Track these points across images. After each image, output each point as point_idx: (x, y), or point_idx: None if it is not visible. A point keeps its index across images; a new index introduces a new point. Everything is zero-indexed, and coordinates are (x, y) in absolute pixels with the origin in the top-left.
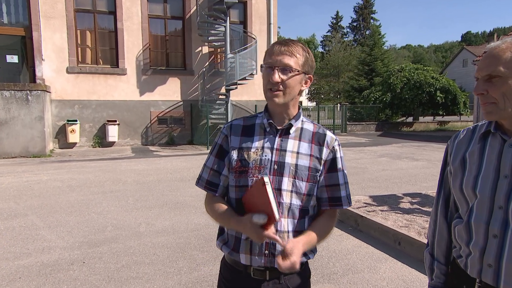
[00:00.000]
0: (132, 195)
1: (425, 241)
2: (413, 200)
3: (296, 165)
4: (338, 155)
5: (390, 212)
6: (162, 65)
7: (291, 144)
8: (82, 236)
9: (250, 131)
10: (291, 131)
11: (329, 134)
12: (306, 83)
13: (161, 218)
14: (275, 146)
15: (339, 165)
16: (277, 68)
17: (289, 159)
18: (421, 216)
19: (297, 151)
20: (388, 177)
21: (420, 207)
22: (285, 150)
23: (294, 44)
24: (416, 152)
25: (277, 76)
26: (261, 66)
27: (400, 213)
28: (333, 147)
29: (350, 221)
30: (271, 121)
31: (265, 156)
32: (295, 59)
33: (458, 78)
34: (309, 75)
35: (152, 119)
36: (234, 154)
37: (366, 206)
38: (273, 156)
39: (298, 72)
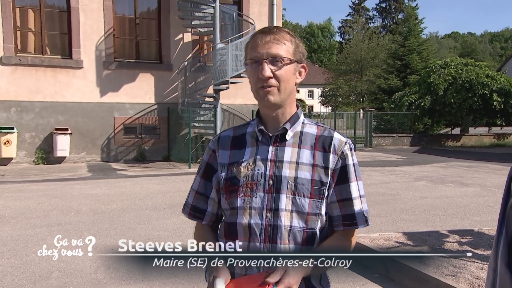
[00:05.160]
0: (87, 228)
1: None
2: (462, 240)
3: (296, 178)
4: (349, 161)
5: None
6: (130, 56)
7: (289, 152)
8: (17, 286)
9: (241, 142)
10: (288, 136)
11: (336, 136)
12: (300, 74)
13: None
14: (269, 157)
15: (351, 175)
16: (265, 60)
17: (287, 171)
18: (474, 262)
19: (296, 160)
20: (427, 208)
21: (472, 249)
22: (282, 161)
23: (279, 30)
24: (466, 175)
25: (268, 70)
26: (245, 64)
27: (445, 257)
28: (343, 152)
29: (377, 265)
30: (261, 127)
31: (258, 170)
32: (285, 47)
33: None
34: (302, 64)
35: (116, 127)
36: (223, 173)
37: (398, 246)
38: (268, 169)
39: (290, 61)
